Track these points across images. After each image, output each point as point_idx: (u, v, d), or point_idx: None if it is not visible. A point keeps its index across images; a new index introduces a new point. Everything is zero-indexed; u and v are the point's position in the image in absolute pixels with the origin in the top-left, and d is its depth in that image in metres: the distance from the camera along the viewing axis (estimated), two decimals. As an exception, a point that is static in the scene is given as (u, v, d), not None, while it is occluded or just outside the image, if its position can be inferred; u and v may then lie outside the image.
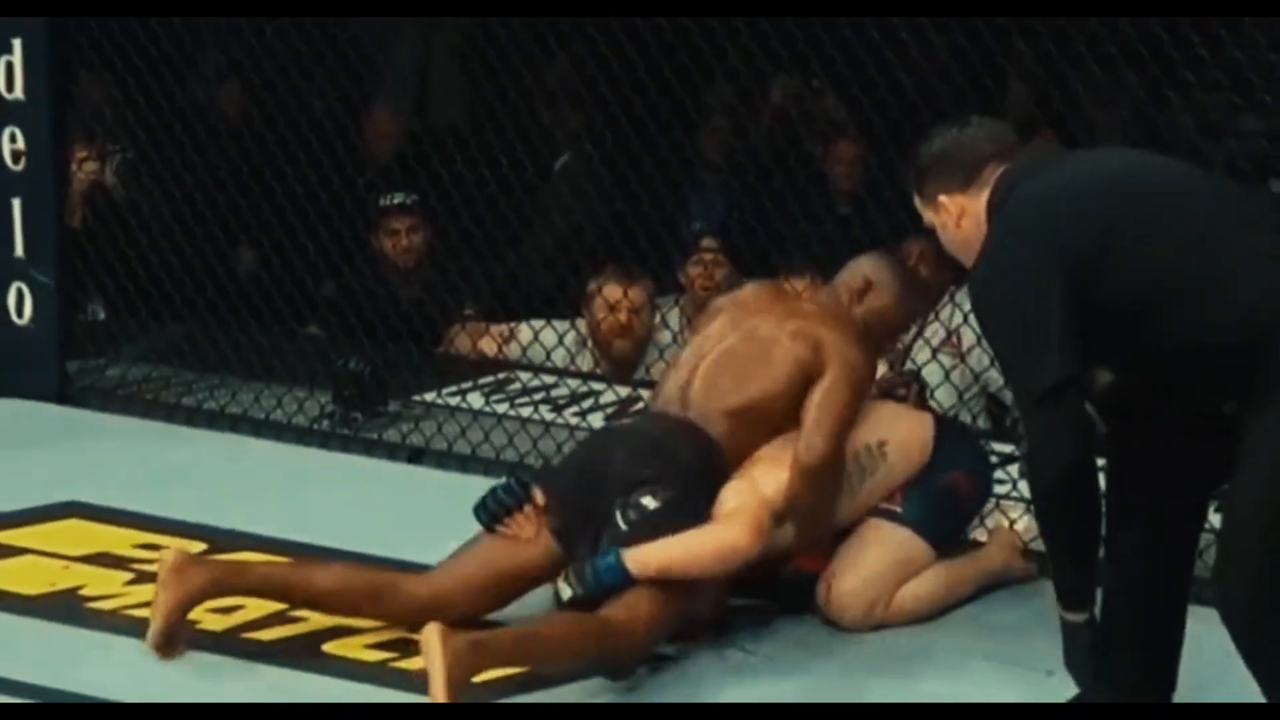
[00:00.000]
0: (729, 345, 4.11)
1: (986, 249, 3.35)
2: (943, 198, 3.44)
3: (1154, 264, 3.21)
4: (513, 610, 3.97)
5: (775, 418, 4.02)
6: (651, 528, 3.83)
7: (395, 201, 5.99)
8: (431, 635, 3.57)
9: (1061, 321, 3.19)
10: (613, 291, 5.59)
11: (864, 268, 4.26)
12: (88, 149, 6.10)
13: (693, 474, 3.93)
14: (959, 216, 3.43)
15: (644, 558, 3.80)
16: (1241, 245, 3.22)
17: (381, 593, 3.94)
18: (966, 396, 5.26)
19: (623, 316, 5.59)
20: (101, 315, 5.90)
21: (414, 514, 4.61)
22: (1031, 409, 3.24)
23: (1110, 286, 3.21)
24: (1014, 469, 4.57)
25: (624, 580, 3.78)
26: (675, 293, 5.87)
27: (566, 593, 3.82)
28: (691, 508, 3.89)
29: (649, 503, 3.86)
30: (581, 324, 5.69)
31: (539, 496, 3.93)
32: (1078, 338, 3.21)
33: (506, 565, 3.92)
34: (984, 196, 3.39)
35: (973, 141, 3.45)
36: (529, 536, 3.91)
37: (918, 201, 3.51)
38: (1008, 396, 5.37)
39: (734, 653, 3.96)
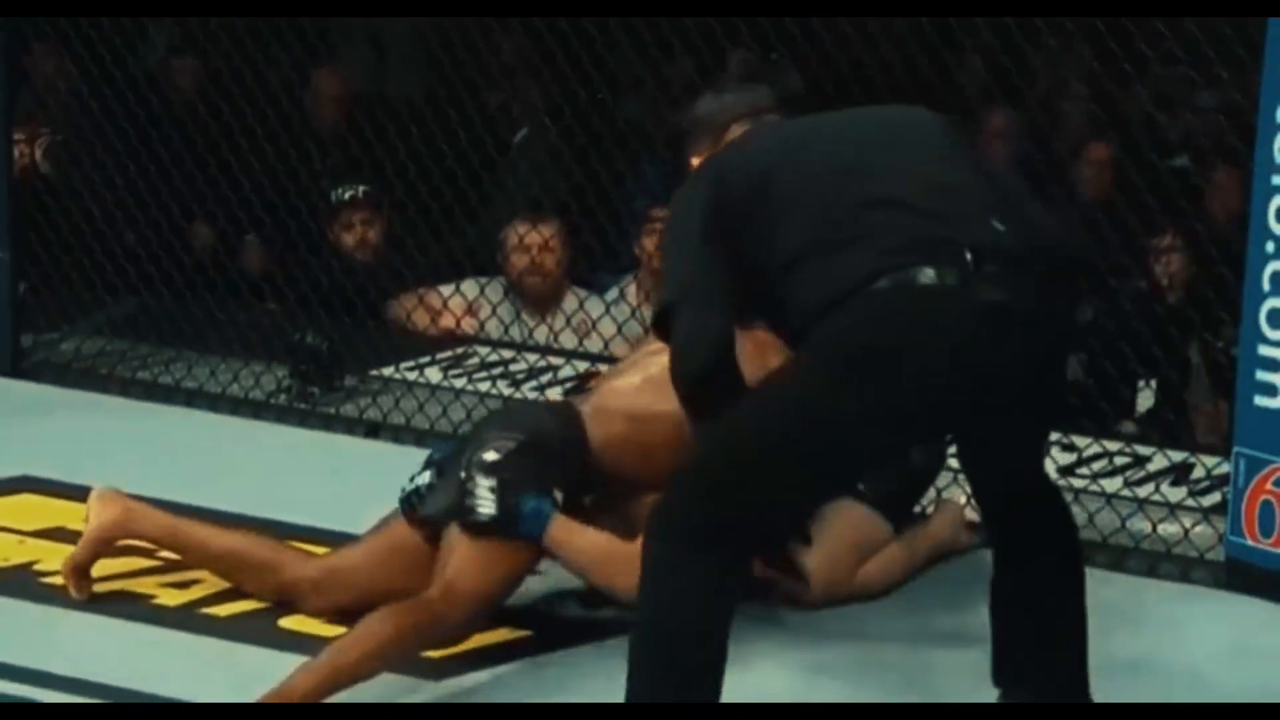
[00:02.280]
0: (659, 355, 3.95)
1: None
2: (694, 159, 3.52)
3: (780, 226, 3.18)
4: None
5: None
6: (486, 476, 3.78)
7: (348, 195, 5.96)
8: None
9: (692, 250, 3.20)
10: (520, 229, 5.67)
11: None
12: (22, 133, 6.05)
13: (544, 440, 3.85)
14: None
15: (563, 539, 3.77)
16: (863, 229, 3.13)
17: (269, 570, 3.96)
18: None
19: (533, 252, 5.66)
20: (21, 289, 5.84)
21: (371, 488, 4.58)
22: (663, 325, 3.25)
23: (746, 234, 3.20)
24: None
25: (535, 536, 3.76)
26: (635, 269, 5.87)
27: (481, 509, 3.76)
28: (530, 467, 3.80)
29: (488, 456, 3.81)
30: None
31: None
32: (707, 266, 3.19)
33: (407, 542, 3.91)
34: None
35: (724, 105, 3.52)
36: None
37: (687, 166, 3.56)
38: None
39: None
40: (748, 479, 3.09)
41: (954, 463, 4.41)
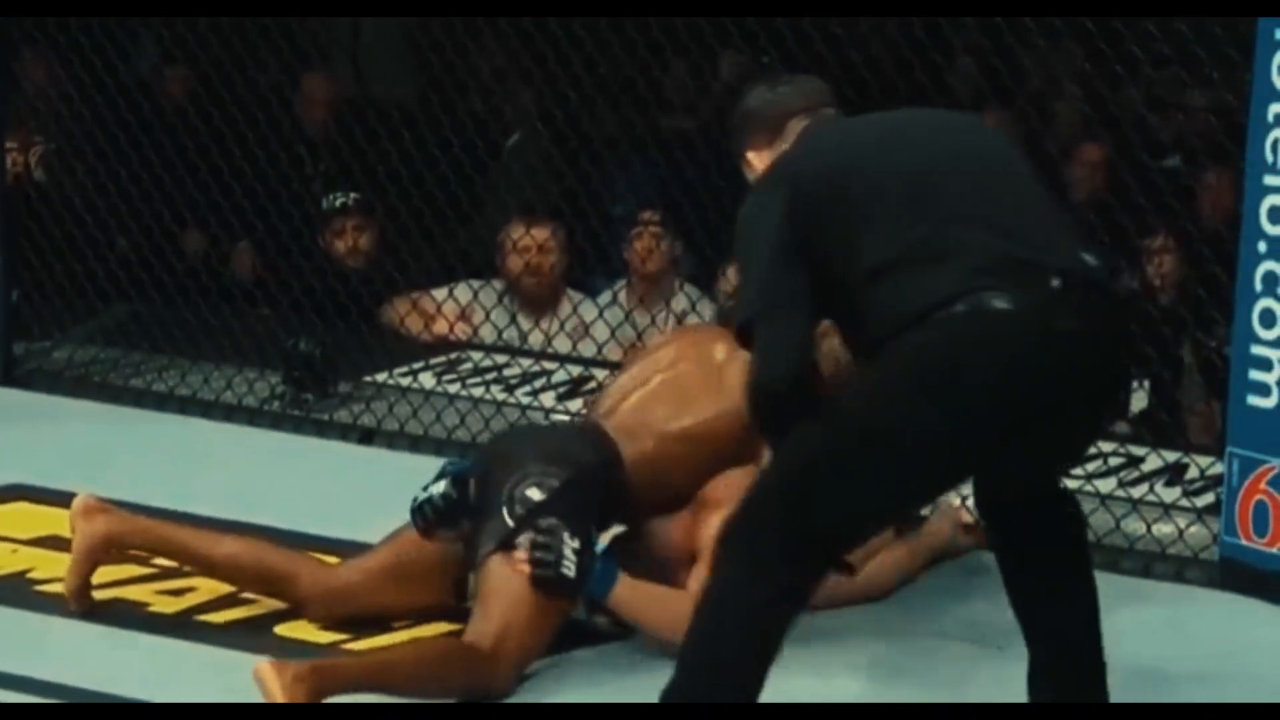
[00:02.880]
0: (681, 370, 3.98)
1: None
2: (750, 154, 3.45)
3: (845, 239, 3.17)
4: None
5: (719, 442, 3.87)
6: (533, 519, 3.72)
7: (339, 203, 5.95)
8: (263, 672, 3.44)
9: (771, 257, 3.18)
10: (517, 231, 5.66)
11: None
12: (15, 142, 6.05)
13: (587, 475, 3.80)
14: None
15: (627, 597, 3.75)
16: (923, 245, 3.13)
17: (278, 578, 3.94)
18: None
19: (531, 255, 5.64)
20: (15, 296, 5.84)
21: (365, 495, 4.59)
22: (743, 337, 3.24)
23: (826, 239, 3.18)
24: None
25: (599, 597, 3.74)
26: (628, 273, 5.87)
27: (565, 570, 3.70)
28: (575, 506, 3.75)
29: (534, 494, 3.75)
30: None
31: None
32: (788, 273, 3.18)
33: (415, 557, 3.89)
34: (784, 150, 3.38)
35: (779, 98, 3.45)
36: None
37: (739, 161, 3.50)
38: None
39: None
40: (828, 495, 3.10)
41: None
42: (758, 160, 3.44)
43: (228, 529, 4.13)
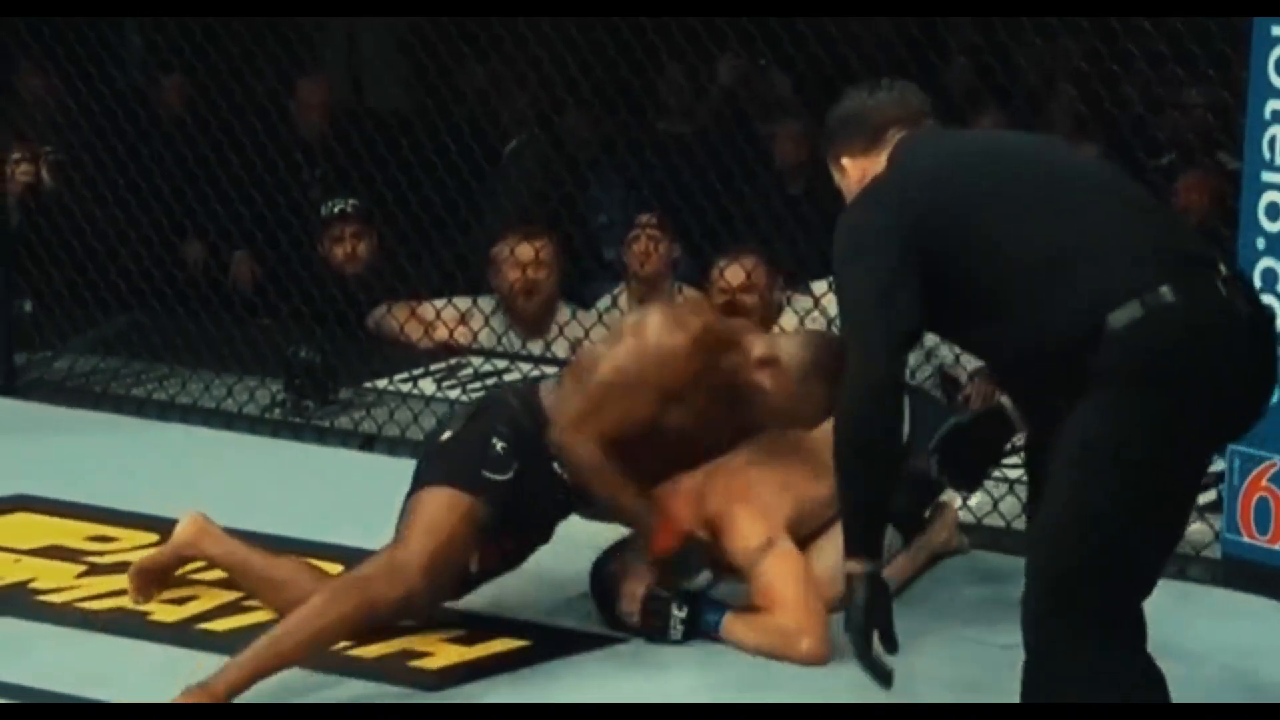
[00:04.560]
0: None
1: (854, 198, 3.34)
2: (845, 159, 3.41)
3: (995, 247, 3.14)
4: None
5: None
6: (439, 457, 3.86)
7: (337, 210, 5.95)
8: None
9: (894, 277, 3.15)
10: (513, 247, 5.63)
11: (787, 344, 3.96)
12: (22, 151, 6.06)
13: (506, 417, 3.89)
14: (860, 178, 3.36)
15: (734, 631, 3.88)
16: (1082, 243, 3.12)
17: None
18: (917, 372, 5.27)
19: (528, 271, 5.61)
20: (28, 308, 5.86)
21: (367, 501, 4.59)
22: (850, 354, 3.21)
23: (953, 258, 3.15)
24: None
25: (710, 632, 3.88)
26: (626, 279, 5.87)
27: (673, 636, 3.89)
28: (478, 441, 3.84)
29: (444, 437, 3.89)
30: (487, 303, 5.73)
31: None
32: (912, 294, 3.15)
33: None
34: (884, 159, 3.33)
35: (879, 105, 3.40)
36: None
37: (830, 164, 3.47)
38: (961, 373, 5.40)
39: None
40: (1130, 552, 3.06)
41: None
42: (852, 167, 3.40)
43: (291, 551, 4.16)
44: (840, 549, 3.31)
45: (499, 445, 3.85)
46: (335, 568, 4.10)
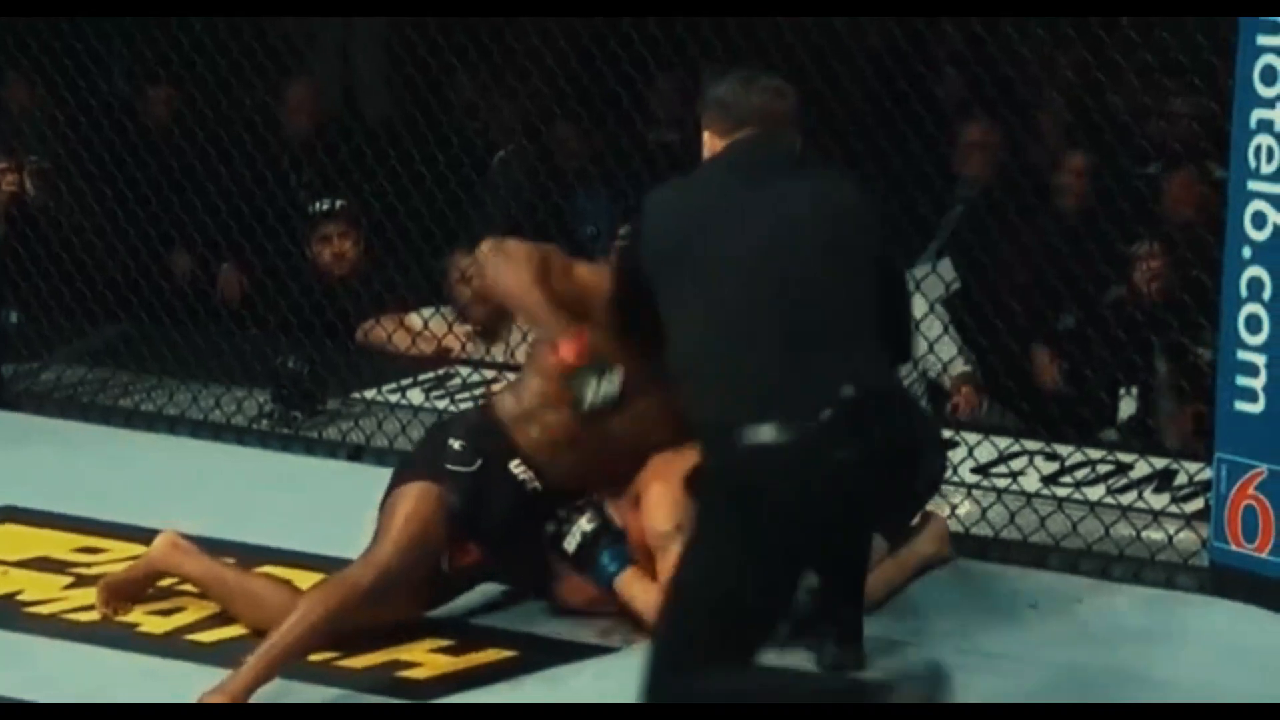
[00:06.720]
0: None
1: None
2: (706, 133, 3.69)
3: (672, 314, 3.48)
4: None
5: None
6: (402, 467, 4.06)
7: (324, 208, 5.95)
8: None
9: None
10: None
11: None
12: (7, 160, 6.05)
13: (463, 425, 4.09)
14: (711, 152, 3.68)
15: (631, 588, 3.95)
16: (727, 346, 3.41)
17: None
18: (905, 382, 5.27)
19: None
20: (14, 318, 5.84)
21: (355, 512, 4.58)
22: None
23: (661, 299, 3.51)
24: (955, 454, 4.61)
25: (605, 582, 3.95)
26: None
27: (570, 541, 3.97)
28: (439, 444, 4.03)
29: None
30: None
31: None
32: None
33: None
34: (717, 148, 3.64)
35: (748, 103, 3.64)
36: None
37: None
38: (946, 381, 5.41)
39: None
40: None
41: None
42: (709, 140, 3.69)
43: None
44: None
45: (457, 444, 3.98)
46: (320, 578, 4.09)
